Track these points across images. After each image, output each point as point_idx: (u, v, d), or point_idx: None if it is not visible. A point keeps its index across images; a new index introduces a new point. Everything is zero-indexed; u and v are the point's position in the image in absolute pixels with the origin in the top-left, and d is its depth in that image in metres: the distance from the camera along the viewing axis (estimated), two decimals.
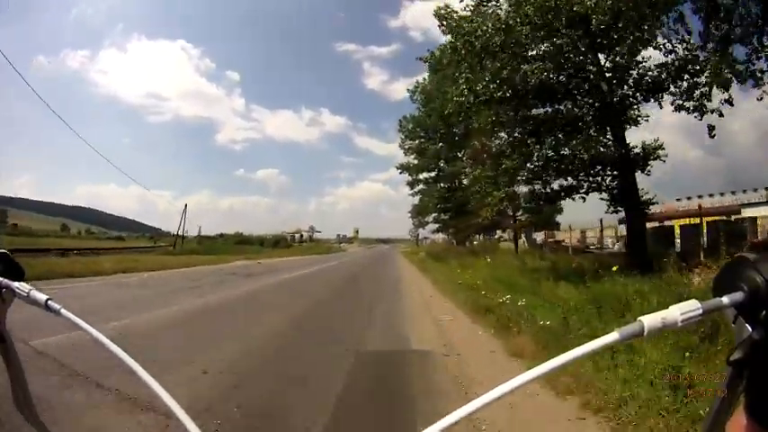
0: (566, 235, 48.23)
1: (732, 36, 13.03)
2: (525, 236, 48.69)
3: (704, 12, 13.23)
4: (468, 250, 29.16)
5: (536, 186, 14.94)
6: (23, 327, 3.88)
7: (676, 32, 13.60)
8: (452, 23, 14.27)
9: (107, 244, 60.89)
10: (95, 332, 0.69)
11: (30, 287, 0.69)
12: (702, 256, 13.10)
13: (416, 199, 42.65)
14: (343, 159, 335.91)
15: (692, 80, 13.42)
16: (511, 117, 14.34)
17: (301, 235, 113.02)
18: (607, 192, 15.14)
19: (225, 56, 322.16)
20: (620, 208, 15.55)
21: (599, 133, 13.74)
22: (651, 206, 15.80)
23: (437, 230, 44.55)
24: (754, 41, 12.95)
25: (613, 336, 0.49)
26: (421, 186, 41.13)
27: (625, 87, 14.62)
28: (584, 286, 10.13)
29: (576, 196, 14.88)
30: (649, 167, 14.89)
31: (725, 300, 0.50)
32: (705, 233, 20.20)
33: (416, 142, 40.27)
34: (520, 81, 13.21)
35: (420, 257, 34.08)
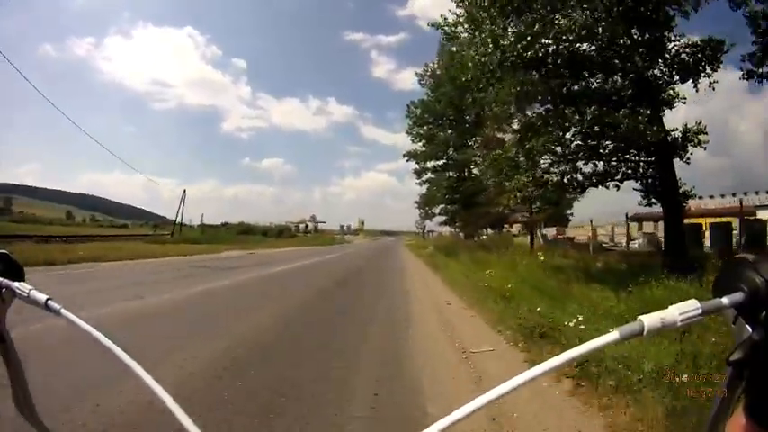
0: (577, 231, 46.67)
1: None
2: (535, 232, 47.00)
3: None
4: (477, 245, 27.23)
5: (565, 170, 13.04)
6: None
7: None
8: None
9: (107, 231, 60.08)
10: (95, 332, 0.67)
11: (30, 287, 0.69)
12: None
13: (423, 189, 40.52)
14: (349, 149, 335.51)
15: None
16: (542, 85, 12.48)
17: (306, 225, 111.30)
18: (642, 180, 13.31)
19: (232, 43, 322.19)
20: (654, 201, 13.86)
21: (636, 112, 11.89)
22: (689, 199, 13.92)
23: (444, 223, 42.25)
24: None
25: (614, 335, 0.49)
26: (429, 175, 39.10)
27: (660, 63, 12.90)
28: (624, 291, 8.68)
29: (610, 184, 13.01)
30: (689, 154, 13.13)
31: (725, 300, 0.49)
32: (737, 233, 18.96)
33: (425, 128, 38.28)
34: (553, 40, 11.39)
35: (428, 252, 31.76)
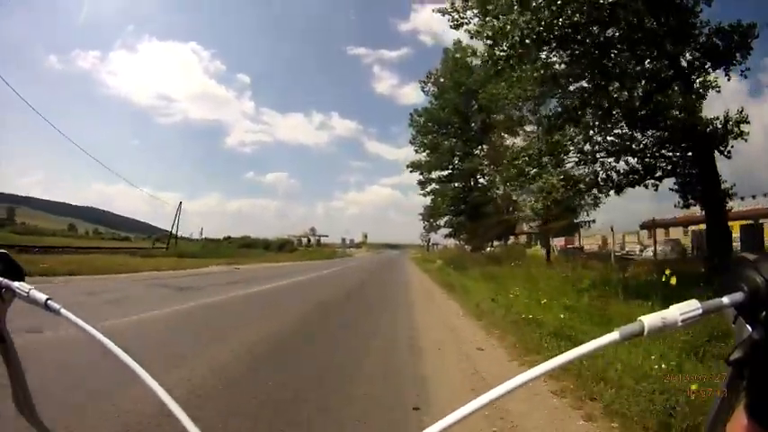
0: (586, 241, 44.71)
1: None
2: (542, 242, 44.46)
3: None
4: (487, 257, 25.30)
5: (604, 164, 11.33)
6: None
7: None
8: None
9: (103, 243, 58.48)
10: (95, 332, 0.68)
11: (30, 287, 0.68)
12: None
13: (428, 200, 38.89)
14: (352, 164, 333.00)
15: None
16: (578, 62, 10.82)
17: (308, 239, 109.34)
18: (681, 178, 11.61)
19: (236, 58, 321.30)
20: (691, 201, 12.17)
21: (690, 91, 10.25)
22: (730, 198, 12.20)
23: (449, 235, 40.33)
24: None
25: (614, 335, 0.48)
26: (433, 186, 37.47)
27: (691, 47, 11.53)
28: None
29: (648, 183, 11.30)
30: (730, 147, 11.49)
31: (725, 300, 0.49)
32: None
33: (429, 137, 36.76)
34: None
35: (437, 266, 27.91)
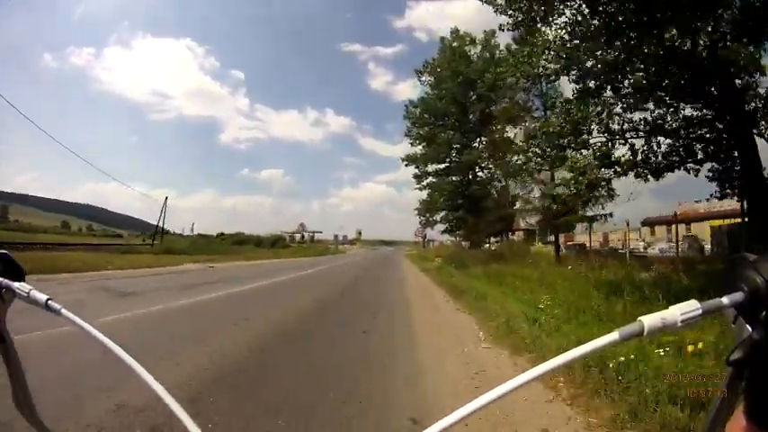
0: (585, 238, 43.22)
1: None
2: (543, 239, 42.74)
3: None
4: (488, 255, 23.50)
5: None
6: None
7: None
8: None
9: (91, 240, 56.91)
10: (95, 332, 0.67)
11: (30, 287, 0.68)
12: None
13: (424, 195, 36.85)
14: (347, 160, 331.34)
15: None
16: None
17: (302, 236, 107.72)
18: (721, 162, 10.02)
19: (230, 55, 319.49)
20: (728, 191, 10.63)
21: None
22: None
23: (446, 231, 38.37)
24: None
25: (613, 336, 0.49)
26: (430, 179, 35.62)
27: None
28: None
29: (690, 167, 9.70)
30: None
31: (725, 300, 0.49)
32: None
33: (425, 129, 34.96)
34: None
35: (436, 265, 24.29)
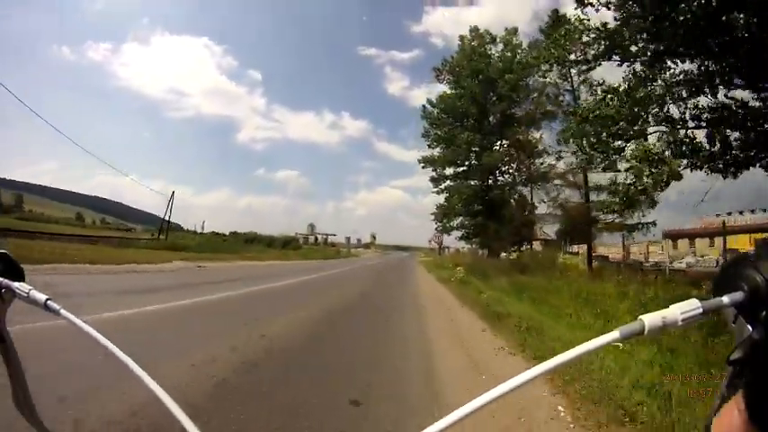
0: (608, 250, 41.04)
1: None
2: (563, 249, 40.36)
3: None
4: (509, 265, 21.61)
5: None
6: None
7: None
8: None
9: (98, 232, 56.25)
10: (95, 332, 0.68)
11: (30, 287, 0.69)
12: None
13: (440, 199, 34.83)
14: (362, 164, 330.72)
15: None
16: None
17: (316, 237, 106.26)
18: None
19: (247, 55, 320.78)
20: None
21: None
22: None
23: (463, 237, 36.35)
24: None
25: (614, 334, 0.49)
26: (447, 183, 33.86)
27: None
28: None
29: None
30: None
31: (725, 299, 0.49)
32: None
33: (444, 130, 33.28)
34: None
35: (459, 276, 18.95)
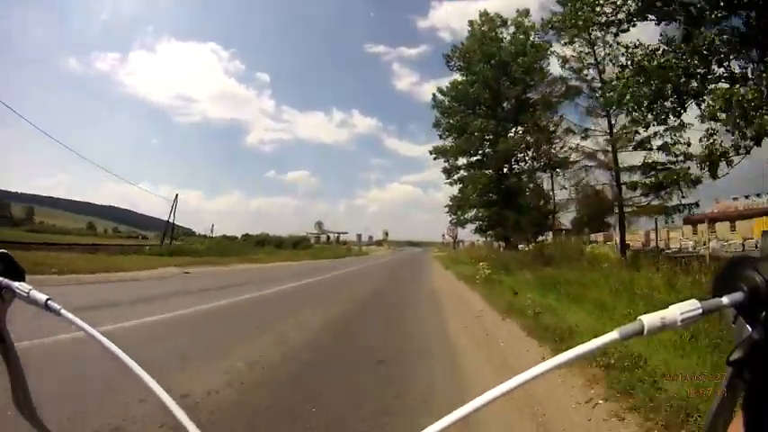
0: (628, 238, 39.10)
1: None
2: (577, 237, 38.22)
3: None
4: (531, 257, 20.03)
5: None
6: None
7: None
8: None
9: (106, 240, 56.21)
10: (95, 332, 0.67)
11: (30, 287, 0.68)
12: None
13: (454, 191, 33.33)
14: (373, 161, 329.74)
15: None
16: None
17: (328, 236, 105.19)
18: None
19: (255, 57, 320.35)
20: None
21: None
22: None
23: (478, 229, 34.62)
24: None
25: (613, 335, 0.48)
26: (461, 173, 32.46)
27: None
28: None
29: None
30: None
31: (725, 300, 0.49)
32: None
33: (456, 118, 31.80)
34: None
35: (483, 274, 14.91)
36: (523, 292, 10.68)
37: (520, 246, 29.93)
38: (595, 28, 11.05)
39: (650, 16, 9.78)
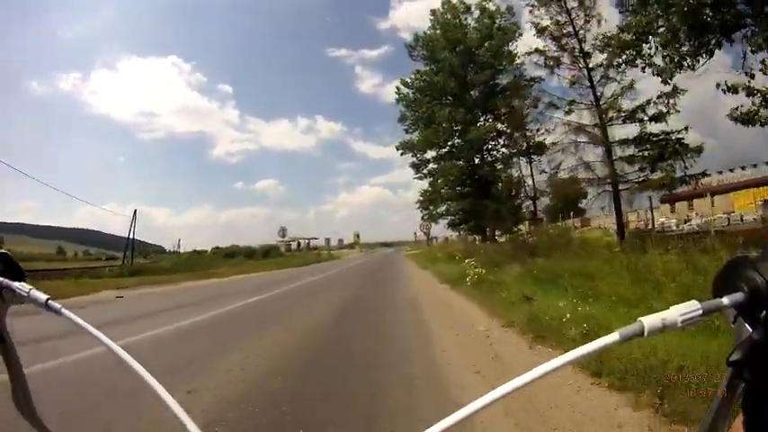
0: (605, 221, 38.57)
1: None
2: (548, 221, 37.16)
3: None
4: (512, 248, 18.70)
5: None
6: None
7: None
8: None
9: (76, 265, 53.48)
10: (96, 332, 0.68)
11: (30, 287, 0.68)
12: None
13: (425, 185, 32.19)
14: (340, 165, 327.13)
15: None
16: None
17: (299, 243, 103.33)
18: None
19: (216, 69, 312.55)
20: None
21: None
22: None
23: (452, 224, 33.18)
24: None
25: (614, 336, 0.48)
26: (431, 167, 31.16)
27: None
28: None
29: None
30: None
31: (725, 300, 0.48)
32: None
33: (422, 110, 30.47)
34: None
35: (471, 273, 12.63)
36: (527, 294, 8.38)
37: (498, 237, 28.97)
38: None
39: None
